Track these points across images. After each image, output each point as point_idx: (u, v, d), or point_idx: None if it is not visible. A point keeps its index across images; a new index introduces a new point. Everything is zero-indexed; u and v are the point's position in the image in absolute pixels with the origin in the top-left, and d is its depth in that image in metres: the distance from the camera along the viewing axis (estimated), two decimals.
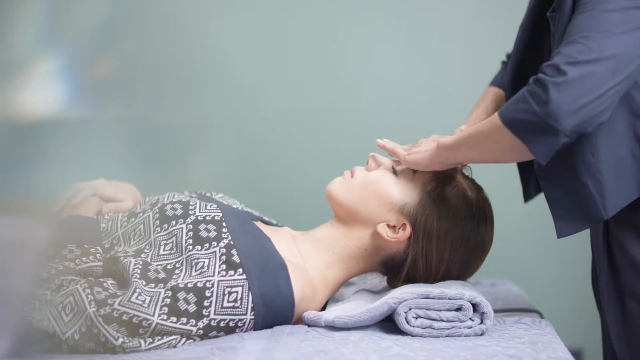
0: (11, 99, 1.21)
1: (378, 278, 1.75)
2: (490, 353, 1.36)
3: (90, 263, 1.49)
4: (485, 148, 1.46)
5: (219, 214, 1.55)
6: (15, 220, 1.50)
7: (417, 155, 1.58)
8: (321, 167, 2.40)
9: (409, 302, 1.48)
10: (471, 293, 1.50)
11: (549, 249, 2.46)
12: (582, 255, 2.06)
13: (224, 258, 1.47)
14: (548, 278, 2.44)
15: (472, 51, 2.52)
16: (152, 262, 1.48)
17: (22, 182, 1.28)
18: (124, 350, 1.39)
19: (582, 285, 2.12)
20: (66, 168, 1.56)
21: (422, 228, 1.57)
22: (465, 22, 2.52)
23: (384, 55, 2.53)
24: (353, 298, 1.63)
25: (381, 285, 1.71)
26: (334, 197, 1.63)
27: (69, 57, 1.30)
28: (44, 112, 1.29)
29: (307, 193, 2.42)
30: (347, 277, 1.63)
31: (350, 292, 1.75)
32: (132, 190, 1.75)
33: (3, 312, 1.48)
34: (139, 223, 1.58)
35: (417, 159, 1.57)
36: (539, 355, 1.33)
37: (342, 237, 1.61)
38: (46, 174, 1.40)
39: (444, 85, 2.52)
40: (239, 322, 1.46)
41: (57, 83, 1.29)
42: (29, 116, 1.26)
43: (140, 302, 1.40)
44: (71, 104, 1.33)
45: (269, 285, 1.47)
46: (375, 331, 1.50)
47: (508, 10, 1.90)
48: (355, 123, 2.51)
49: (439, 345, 1.42)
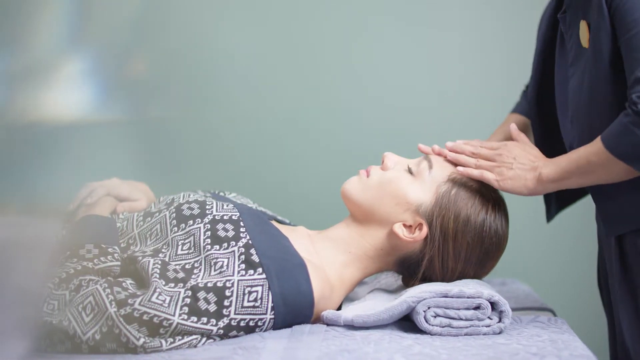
0: (36, 101, 1.20)
1: (392, 277, 1.76)
2: (512, 351, 1.36)
3: (109, 263, 1.48)
4: (597, 177, 1.50)
5: (236, 213, 1.55)
6: (33, 220, 1.49)
7: (513, 183, 1.56)
8: (334, 166, 2.41)
9: (428, 301, 1.49)
10: (489, 292, 1.50)
11: (553, 248, 2.47)
12: (587, 254, 2.07)
13: (243, 257, 1.47)
14: (553, 277, 2.45)
15: (489, 52, 2.53)
16: (170, 261, 1.48)
17: (44, 184, 1.28)
18: (145, 350, 1.39)
19: (588, 284, 2.13)
20: (84, 170, 1.55)
21: (438, 228, 1.57)
22: (488, 22, 2.52)
23: (399, 53, 2.52)
24: (369, 297, 1.63)
25: (396, 284, 1.71)
26: (350, 197, 1.63)
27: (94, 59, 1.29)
28: (67, 114, 1.28)
29: (318, 192, 2.42)
30: (363, 276, 1.63)
31: (364, 291, 1.75)
32: (145, 190, 1.74)
33: (20, 312, 1.47)
34: (155, 223, 1.57)
35: (514, 188, 1.56)
36: (561, 353, 1.34)
37: (358, 237, 1.61)
38: (66, 176, 1.40)
39: (459, 84, 2.52)
40: (258, 322, 1.45)
41: (81, 85, 1.28)
42: (53, 119, 1.25)
43: (160, 302, 1.40)
44: (90, 106, 1.33)
45: (289, 284, 1.47)
46: (394, 330, 1.50)
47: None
48: (368, 121, 2.51)
49: (459, 344, 1.42)
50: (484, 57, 2.50)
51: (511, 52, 2.42)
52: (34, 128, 1.21)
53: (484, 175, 1.58)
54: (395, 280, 1.73)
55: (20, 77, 1.15)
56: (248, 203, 1.74)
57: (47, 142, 1.32)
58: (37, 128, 1.22)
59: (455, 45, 2.52)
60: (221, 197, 1.70)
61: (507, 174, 1.57)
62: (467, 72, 2.51)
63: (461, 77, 2.51)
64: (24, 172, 1.24)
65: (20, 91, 1.15)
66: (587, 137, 1.53)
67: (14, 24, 1.15)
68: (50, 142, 1.33)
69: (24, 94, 1.16)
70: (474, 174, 1.58)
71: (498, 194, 1.63)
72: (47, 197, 1.44)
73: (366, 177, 1.63)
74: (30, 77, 1.17)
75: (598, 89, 1.52)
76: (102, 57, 1.30)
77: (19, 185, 1.19)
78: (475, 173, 1.58)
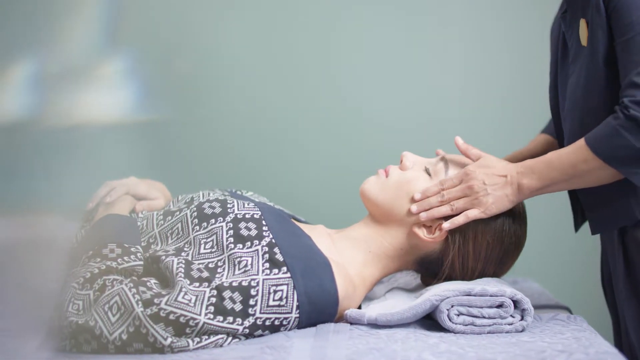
0: (74, 104, 1.20)
1: (409, 276, 1.76)
2: (538, 349, 1.37)
3: (132, 262, 1.47)
4: (583, 181, 1.50)
5: (257, 212, 1.55)
6: (58, 220, 1.49)
7: (497, 206, 1.54)
8: (348, 166, 2.41)
9: (451, 299, 1.49)
10: (512, 290, 1.51)
11: (557, 246, 2.48)
12: (592, 253, 2.09)
13: (267, 256, 1.46)
14: (557, 275, 2.46)
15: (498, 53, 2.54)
16: (193, 260, 1.47)
17: (78, 185, 1.28)
18: (173, 350, 1.38)
19: (592, 283, 2.14)
20: (104, 172, 1.55)
21: (458, 228, 1.57)
22: (493, 22, 2.54)
23: (410, 53, 2.53)
24: (389, 296, 1.63)
25: (414, 283, 1.72)
26: (369, 197, 1.63)
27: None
28: (104, 116, 1.28)
29: (333, 192, 2.42)
30: (383, 276, 1.64)
31: (381, 290, 1.75)
32: (162, 189, 1.74)
33: (38, 312, 1.46)
34: (176, 222, 1.56)
35: (500, 209, 1.54)
36: (588, 350, 1.34)
37: (378, 236, 1.62)
38: (98, 177, 1.40)
39: (468, 85, 2.53)
40: (283, 321, 1.45)
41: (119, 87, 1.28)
42: (90, 121, 1.25)
43: (186, 301, 1.39)
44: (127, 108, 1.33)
45: (314, 283, 1.47)
46: (417, 328, 1.51)
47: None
48: (384, 120, 2.51)
49: (484, 342, 1.43)
50: (505, 54, 2.51)
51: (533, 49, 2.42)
52: (71, 131, 1.21)
53: (469, 216, 1.55)
54: (414, 279, 1.73)
55: (58, 79, 1.14)
56: (266, 202, 1.74)
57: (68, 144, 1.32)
58: (74, 131, 1.22)
59: (474, 43, 2.53)
60: (240, 195, 1.70)
61: (486, 201, 1.54)
62: (487, 70, 2.52)
63: (481, 76, 2.52)
64: (59, 175, 1.23)
65: (59, 94, 1.15)
66: (578, 133, 1.54)
67: (50, 27, 1.14)
68: (73, 145, 1.33)
69: (62, 96, 1.16)
70: (460, 220, 1.55)
71: None
72: (70, 197, 1.43)
73: (385, 177, 1.63)
74: (68, 80, 1.16)
75: (593, 86, 1.52)
76: (139, 58, 1.30)
77: (56, 188, 1.19)
78: (461, 219, 1.55)
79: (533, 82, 2.21)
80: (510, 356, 1.33)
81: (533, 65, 2.32)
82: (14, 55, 1.10)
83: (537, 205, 1.87)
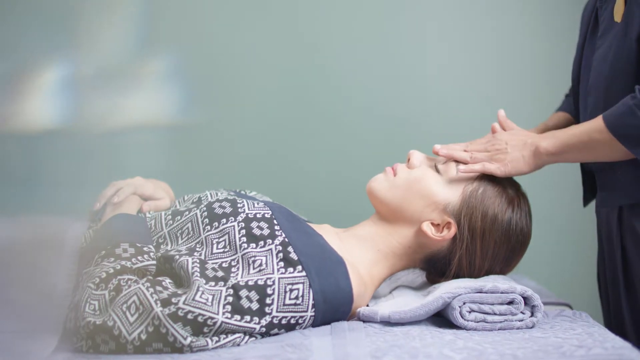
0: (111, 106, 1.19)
1: (413, 274, 1.77)
2: (554, 344, 1.38)
3: (145, 262, 1.46)
4: (597, 154, 1.53)
5: (268, 211, 1.55)
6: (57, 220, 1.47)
7: (514, 165, 1.58)
8: (354, 163, 2.41)
9: (463, 296, 1.51)
10: (522, 287, 1.53)
11: (551, 244, 2.51)
12: (589, 250, 2.12)
13: (281, 255, 1.46)
14: (550, 272, 2.49)
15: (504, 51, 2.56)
16: (207, 260, 1.47)
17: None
18: (192, 349, 1.37)
19: (586, 280, 2.18)
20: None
21: (466, 227, 1.59)
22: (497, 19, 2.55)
23: (417, 49, 2.53)
24: (397, 294, 1.64)
25: (418, 281, 1.73)
26: (377, 195, 1.64)
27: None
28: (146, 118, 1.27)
29: (338, 190, 2.41)
30: (390, 274, 1.64)
31: (384, 288, 1.76)
32: (167, 189, 1.73)
33: (49, 311, 1.45)
34: (185, 221, 1.56)
35: (517, 169, 1.58)
36: (605, 345, 1.36)
37: (386, 235, 1.62)
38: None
39: (478, 82, 2.54)
40: (299, 319, 1.45)
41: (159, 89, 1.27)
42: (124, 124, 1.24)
43: (204, 300, 1.39)
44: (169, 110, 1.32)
45: (329, 281, 1.47)
46: (429, 325, 1.52)
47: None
48: (388, 119, 2.51)
49: (497, 338, 1.44)
50: (515, 52, 2.53)
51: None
52: (107, 135, 1.20)
53: (486, 167, 1.59)
54: (417, 276, 1.74)
55: (91, 82, 1.13)
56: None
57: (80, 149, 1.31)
58: (108, 136, 1.21)
59: (484, 40, 2.54)
60: (246, 195, 1.69)
61: (505, 158, 1.59)
62: (496, 67, 2.54)
63: (483, 75, 2.53)
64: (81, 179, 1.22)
65: (92, 97, 1.14)
66: (601, 109, 1.56)
67: (82, 30, 1.13)
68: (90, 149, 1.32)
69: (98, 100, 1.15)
70: (476, 168, 1.59)
71: (522, 190, 1.65)
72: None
73: (393, 176, 1.64)
74: (104, 83, 1.15)
75: (621, 63, 1.54)
76: (174, 61, 1.29)
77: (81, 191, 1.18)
78: (477, 167, 1.59)
79: (542, 74, 2.23)
80: (529, 351, 1.34)
81: (544, 57, 2.36)
82: (47, 60, 1.09)
83: (536, 205, 1.89)
